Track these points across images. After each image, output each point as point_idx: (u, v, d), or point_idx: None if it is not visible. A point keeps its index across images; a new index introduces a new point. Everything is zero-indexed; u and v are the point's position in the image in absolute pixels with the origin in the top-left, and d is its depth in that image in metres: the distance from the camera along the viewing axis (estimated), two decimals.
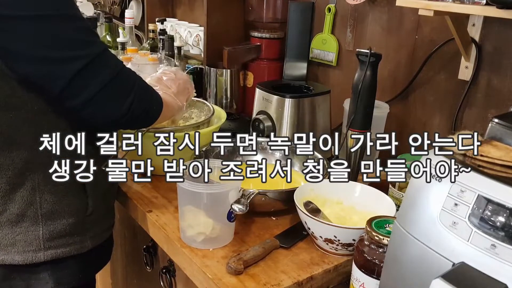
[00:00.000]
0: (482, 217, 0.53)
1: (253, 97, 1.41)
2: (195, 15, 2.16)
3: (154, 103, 0.93)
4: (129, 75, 0.88)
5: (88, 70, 0.79)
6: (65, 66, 0.78)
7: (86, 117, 0.84)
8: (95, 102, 0.81)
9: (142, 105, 0.88)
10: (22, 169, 0.86)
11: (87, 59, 0.79)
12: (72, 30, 0.79)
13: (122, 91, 0.85)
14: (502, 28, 1.11)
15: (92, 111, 0.83)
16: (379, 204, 0.97)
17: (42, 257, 0.91)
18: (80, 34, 0.80)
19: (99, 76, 0.81)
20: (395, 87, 1.37)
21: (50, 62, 0.77)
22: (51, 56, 0.77)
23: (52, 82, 0.79)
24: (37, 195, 0.88)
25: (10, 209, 0.87)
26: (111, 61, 0.84)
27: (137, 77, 0.89)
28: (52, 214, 0.90)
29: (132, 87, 0.86)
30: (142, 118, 0.92)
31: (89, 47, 0.80)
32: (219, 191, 0.90)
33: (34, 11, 0.74)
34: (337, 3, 1.50)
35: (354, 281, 0.80)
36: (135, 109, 0.86)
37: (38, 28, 0.75)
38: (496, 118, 0.62)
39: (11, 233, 0.89)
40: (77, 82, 0.79)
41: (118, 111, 0.85)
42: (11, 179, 0.86)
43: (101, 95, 0.81)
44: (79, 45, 0.79)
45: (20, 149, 0.85)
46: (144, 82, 0.92)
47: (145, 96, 0.91)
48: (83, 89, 0.80)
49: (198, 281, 0.89)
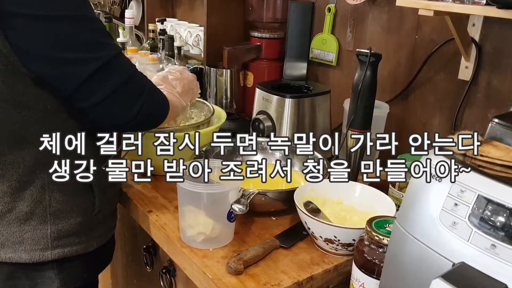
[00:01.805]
0: (482, 217, 0.53)
1: (253, 97, 1.41)
2: (195, 15, 2.16)
3: (161, 108, 0.94)
4: (140, 79, 0.88)
5: (101, 73, 0.80)
6: (79, 68, 0.79)
7: (95, 119, 0.85)
8: (105, 106, 0.82)
9: (150, 110, 0.90)
10: (32, 167, 0.86)
11: (101, 61, 0.79)
12: (88, 31, 0.80)
13: (132, 96, 0.86)
14: (502, 28, 1.11)
15: (101, 114, 0.84)
16: (379, 204, 0.97)
17: (49, 255, 0.91)
18: (95, 36, 0.81)
19: (111, 80, 0.81)
20: (395, 87, 1.37)
21: (64, 63, 0.78)
22: (65, 57, 0.78)
23: (65, 83, 0.80)
24: (46, 193, 0.88)
25: (19, 207, 0.87)
26: (124, 65, 0.85)
27: (147, 81, 0.90)
28: (60, 213, 0.90)
29: (142, 92, 0.87)
30: (149, 122, 0.94)
31: (104, 50, 0.81)
32: (219, 191, 0.90)
33: (51, 11, 0.75)
34: (337, 3, 1.50)
35: (354, 281, 0.80)
36: (143, 114, 0.87)
37: (54, 28, 0.76)
38: (496, 118, 0.62)
39: (19, 231, 0.88)
40: (89, 84, 0.80)
41: (126, 115, 0.86)
42: (21, 177, 0.86)
43: (112, 98, 0.82)
44: (94, 47, 0.80)
45: (31, 147, 0.85)
46: (154, 86, 0.92)
47: (154, 101, 0.92)
48: (94, 91, 0.81)
49: (198, 281, 0.89)
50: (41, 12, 0.74)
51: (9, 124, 0.82)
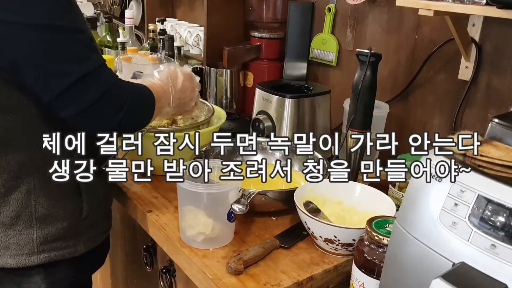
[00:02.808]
0: (482, 217, 0.53)
1: (253, 97, 1.41)
2: (195, 15, 2.16)
3: (144, 115, 0.93)
4: (121, 90, 0.86)
5: (79, 86, 0.79)
6: (57, 79, 0.78)
7: (76, 126, 0.84)
8: (84, 116, 0.81)
9: (132, 119, 0.88)
10: (17, 172, 0.86)
11: (79, 74, 0.78)
12: (70, 43, 0.79)
13: (112, 108, 0.84)
14: (502, 28, 1.11)
15: (81, 123, 0.83)
16: (379, 204, 0.97)
17: (35, 260, 0.90)
18: (77, 48, 0.80)
19: (89, 93, 0.80)
20: (395, 87, 1.37)
21: (44, 72, 0.77)
22: (45, 66, 0.77)
23: (43, 91, 0.79)
24: (32, 198, 0.88)
25: (4, 212, 0.87)
26: (104, 78, 0.83)
27: (131, 90, 0.89)
28: (46, 217, 0.89)
29: (124, 103, 0.85)
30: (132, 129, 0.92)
31: (84, 63, 0.80)
32: (219, 191, 0.90)
33: (36, 19, 0.74)
34: (337, 3, 1.50)
35: (354, 281, 0.80)
36: (125, 123, 0.86)
37: (35, 36, 0.75)
38: (496, 118, 0.62)
39: (4, 236, 0.88)
40: (66, 95, 0.79)
41: (107, 125, 0.84)
42: (6, 181, 0.85)
43: (91, 110, 0.81)
44: (74, 59, 0.79)
45: (16, 151, 0.84)
46: (136, 95, 0.91)
47: (137, 110, 0.90)
48: (72, 103, 0.80)
49: (198, 281, 0.89)
50: (24, 19, 0.74)
51: None
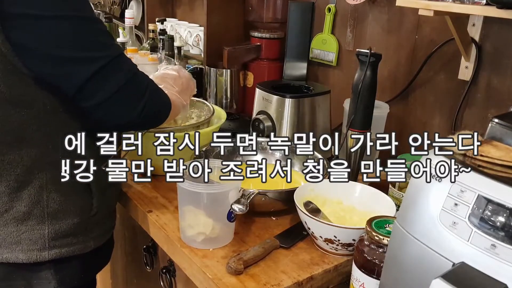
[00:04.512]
0: (482, 217, 0.53)
1: (253, 97, 1.41)
2: (195, 15, 2.16)
3: (163, 107, 0.95)
4: (142, 79, 0.89)
5: (104, 73, 0.81)
6: (82, 67, 0.79)
7: (98, 119, 0.85)
8: (108, 105, 0.83)
9: (152, 109, 0.90)
10: (30, 167, 0.86)
11: (103, 61, 0.80)
12: (91, 32, 0.81)
13: (134, 96, 0.86)
14: (502, 28, 1.11)
15: (104, 113, 0.85)
16: (379, 204, 0.97)
17: (46, 256, 0.91)
18: (98, 36, 0.82)
19: (113, 80, 0.82)
20: (395, 87, 1.37)
21: (68, 62, 0.79)
22: (69, 56, 0.78)
23: (68, 83, 0.80)
24: (44, 193, 0.88)
25: (17, 207, 0.87)
26: (126, 65, 0.86)
27: (149, 81, 0.91)
28: (58, 213, 0.90)
29: (145, 92, 0.88)
30: (151, 121, 0.95)
31: (107, 50, 0.82)
32: (219, 191, 0.90)
33: (55, 11, 0.76)
34: (337, 3, 1.50)
35: (354, 281, 0.80)
36: (146, 113, 0.88)
37: (58, 28, 0.77)
38: (496, 118, 0.62)
39: (16, 231, 0.88)
40: (91, 84, 0.80)
41: (129, 115, 0.87)
42: (19, 176, 0.86)
43: (114, 98, 0.83)
44: (97, 47, 0.81)
45: (29, 147, 0.85)
46: (156, 86, 0.93)
47: (156, 100, 0.92)
48: (97, 91, 0.81)
49: (198, 281, 0.89)
50: (44, 12, 0.75)
51: (8, 124, 0.82)
